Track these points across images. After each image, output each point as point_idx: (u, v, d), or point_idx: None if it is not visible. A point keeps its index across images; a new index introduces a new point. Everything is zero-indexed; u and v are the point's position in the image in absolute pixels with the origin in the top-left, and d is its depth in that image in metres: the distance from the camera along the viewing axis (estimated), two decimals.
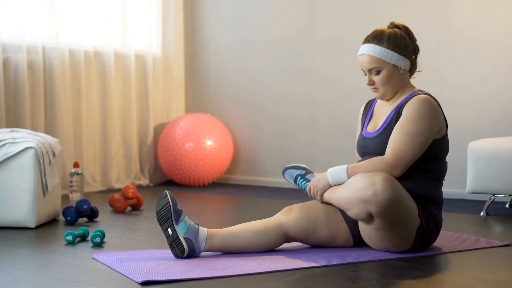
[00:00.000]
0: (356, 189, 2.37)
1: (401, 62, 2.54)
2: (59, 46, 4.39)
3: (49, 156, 3.27)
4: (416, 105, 2.48)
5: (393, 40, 2.53)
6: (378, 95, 2.60)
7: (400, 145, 2.44)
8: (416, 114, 2.46)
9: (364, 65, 2.56)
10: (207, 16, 5.31)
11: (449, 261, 2.45)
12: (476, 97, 4.25)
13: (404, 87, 2.60)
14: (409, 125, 2.45)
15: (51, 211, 3.31)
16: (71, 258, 2.53)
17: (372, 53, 2.53)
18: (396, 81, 2.55)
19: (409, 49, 2.56)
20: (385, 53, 2.52)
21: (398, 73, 2.55)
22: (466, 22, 4.27)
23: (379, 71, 2.53)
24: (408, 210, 2.41)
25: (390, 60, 2.52)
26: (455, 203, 4.04)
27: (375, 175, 2.36)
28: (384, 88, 2.55)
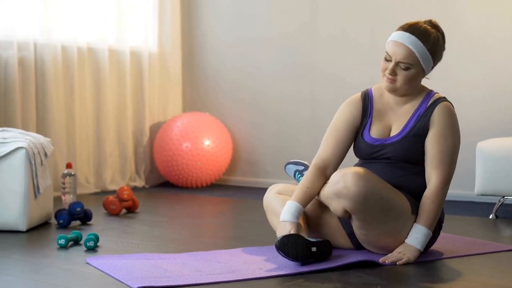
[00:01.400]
0: (330, 184, 2.43)
1: (429, 68, 2.56)
2: (51, 42, 4.39)
3: (40, 157, 3.27)
4: (449, 117, 2.54)
5: (436, 45, 2.53)
6: (390, 87, 2.53)
7: (446, 167, 2.49)
8: (452, 127, 2.53)
9: (397, 55, 2.49)
10: (205, 12, 5.31)
11: (457, 266, 2.45)
12: (485, 96, 4.24)
13: (418, 86, 2.61)
14: (446, 140, 2.50)
15: (43, 213, 3.31)
16: (64, 263, 2.53)
17: (414, 48, 2.49)
18: (417, 83, 2.58)
19: (440, 57, 2.59)
20: (425, 55, 2.51)
21: (421, 76, 2.57)
22: (474, 18, 4.27)
23: (409, 68, 2.50)
24: (390, 204, 2.40)
25: (423, 63, 2.52)
26: (463, 205, 4.04)
27: (348, 168, 2.39)
28: (403, 85, 2.53)
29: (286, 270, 2.33)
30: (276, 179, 4.93)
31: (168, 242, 2.94)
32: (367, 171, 2.40)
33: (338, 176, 2.39)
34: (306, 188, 2.54)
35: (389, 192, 2.42)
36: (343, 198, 2.37)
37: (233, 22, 5.19)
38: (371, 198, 2.35)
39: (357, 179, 2.34)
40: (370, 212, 2.38)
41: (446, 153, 2.49)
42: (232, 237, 3.15)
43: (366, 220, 2.40)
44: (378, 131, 2.58)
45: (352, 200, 2.35)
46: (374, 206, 2.37)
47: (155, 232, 3.21)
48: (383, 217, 2.40)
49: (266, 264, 2.42)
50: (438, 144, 2.50)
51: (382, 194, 2.39)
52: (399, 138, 2.54)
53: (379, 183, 2.40)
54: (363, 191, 2.34)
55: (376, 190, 2.37)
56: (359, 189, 2.34)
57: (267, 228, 2.84)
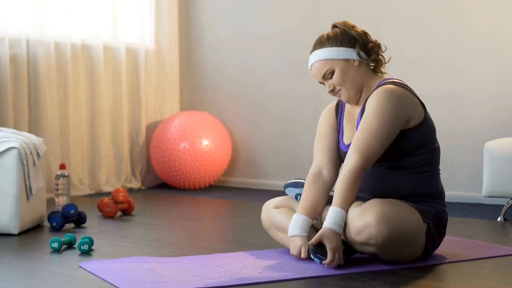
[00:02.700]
0: (352, 232, 2.38)
1: (351, 54, 2.54)
2: (44, 38, 4.39)
3: (33, 157, 3.27)
4: (378, 97, 2.46)
5: (333, 38, 2.57)
6: (344, 98, 2.58)
7: (366, 144, 2.42)
8: (379, 108, 2.44)
9: (317, 74, 2.57)
10: (203, 7, 5.31)
11: (464, 270, 2.45)
12: (493, 94, 4.25)
13: (369, 81, 2.58)
14: (371, 119, 2.43)
15: (35, 216, 3.31)
16: (57, 267, 2.53)
17: (319, 58, 2.56)
18: (353, 75, 2.54)
19: (354, 40, 2.56)
20: (330, 52, 2.54)
21: (352, 67, 2.54)
22: (481, 13, 4.27)
23: (332, 71, 2.54)
24: (410, 230, 2.40)
25: (338, 56, 2.54)
26: (470, 207, 4.04)
27: (368, 214, 2.34)
28: (345, 88, 2.54)
29: (287, 275, 2.33)
30: (277, 180, 4.93)
31: (165, 246, 2.94)
32: (385, 206, 2.36)
33: (360, 225, 2.35)
34: (305, 197, 2.58)
35: (408, 218, 2.40)
36: (370, 246, 2.37)
37: (233, 17, 5.19)
38: (397, 237, 2.36)
39: (382, 227, 2.32)
40: (396, 247, 2.39)
41: (365, 137, 2.42)
42: (231, 240, 3.15)
43: (390, 252, 2.41)
44: (348, 137, 2.61)
45: (380, 247, 2.36)
46: (400, 242, 2.38)
47: (152, 235, 3.21)
48: (405, 244, 2.42)
49: (266, 268, 2.42)
50: (361, 128, 2.44)
51: (405, 227, 2.38)
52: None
53: (399, 214, 2.37)
54: (390, 236, 2.34)
55: (400, 228, 2.36)
56: (386, 235, 2.33)
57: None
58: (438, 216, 2.51)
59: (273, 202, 2.76)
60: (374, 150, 2.42)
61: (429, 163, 2.53)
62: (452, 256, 2.61)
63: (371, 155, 2.42)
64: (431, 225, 2.46)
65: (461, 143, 4.32)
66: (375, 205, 2.36)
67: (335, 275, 2.33)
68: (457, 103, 4.35)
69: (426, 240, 2.45)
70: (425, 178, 2.52)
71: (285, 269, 2.41)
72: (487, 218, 3.66)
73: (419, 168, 2.51)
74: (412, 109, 2.49)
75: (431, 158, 2.54)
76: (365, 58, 2.57)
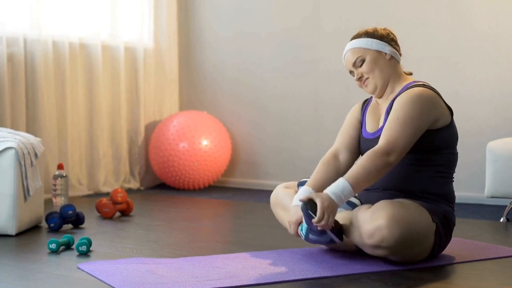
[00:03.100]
0: (363, 235, 2.39)
1: (384, 48, 2.62)
2: (42, 37, 4.39)
3: (31, 157, 3.27)
4: (407, 94, 2.52)
5: (370, 32, 2.66)
6: (369, 89, 2.64)
7: (391, 132, 2.45)
8: (407, 102, 2.49)
9: (349, 62, 2.65)
10: (203, 6, 5.31)
11: (466, 271, 2.45)
12: (495, 93, 4.24)
13: (396, 78, 2.64)
14: (398, 111, 2.48)
15: (33, 217, 3.31)
16: (55, 268, 2.53)
17: (353, 46, 2.65)
18: (383, 66, 2.61)
19: (391, 38, 2.66)
20: (365, 41, 2.63)
21: (383, 59, 2.62)
22: (483, 11, 4.26)
23: (363, 60, 2.62)
24: (421, 229, 2.41)
25: (371, 46, 2.62)
26: (473, 208, 4.04)
27: (379, 217, 2.34)
28: (372, 76, 2.61)
29: (287, 276, 2.33)
30: (277, 181, 4.93)
31: (164, 247, 2.94)
32: (395, 208, 2.36)
33: (372, 228, 2.35)
34: (316, 173, 2.63)
35: (418, 217, 2.40)
36: (382, 249, 2.37)
37: (233, 16, 5.19)
38: (409, 238, 2.36)
39: (393, 229, 2.32)
40: (408, 248, 2.40)
41: (396, 128, 2.44)
42: (231, 241, 3.15)
43: (401, 253, 2.41)
44: (371, 128, 2.66)
45: (392, 249, 2.36)
46: (412, 242, 2.38)
47: (150, 236, 3.21)
48: (416, 244, 2.42)
49: (267, 270, 2.42)
50: (389, 117, 2.49)
51: (416, 226, 2.38)
52: (378, 134, 2.59)
53: (409, 215, 2.37)
54: (402, 237, 2.34)
55: (412, 228, 2.36)
56: (398, 237, 2.33)
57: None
58: (446, 217, 2.53)
59: (286, 183, 2.85)
60: (399, 138, 2.43)
61: (447, 165, 2.58)
62: (455, 257, 2.60)
63: (396, 142, 2.43)
64: (440, 225, 2.48)
65: (463, 143, 4.30)
66: (385, 208, 2.37)
67: (336, 276, 2.33)
68: (459, 102, 4.34)
69: (434, 239, 2.46)
70: (441, 178, 2.56)
71: (286, 270, 2.40)
72: (490, 219, 3.66)
73: (438, 167, 2.55)
74: (439, 111, 2.54)
75: (450, 161, 2.59)
76: (396, 55, 2.65)
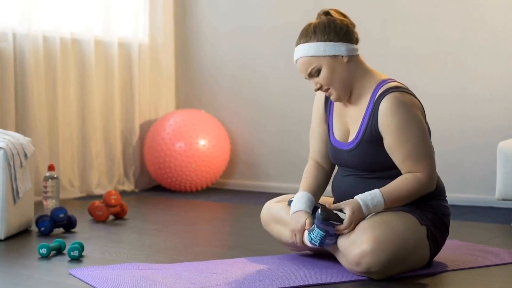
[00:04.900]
0: (350, 264, 2.36)
1: (339, 49, 2.48)
2: (32, 32, 4.39)
3: (20, 158, 3.27)
4: (396, 113, 2.41)
5: (321, 30, 2.49)
6: (333, 98, 2.53)
7: (421, 159, 2.40)
8: (403, 124, 2.41)
9: (302, 70, 2.52)
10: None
11: (475, 277, 2.45)
12: (506, 91, 4.24)
13: (360, 77, 2.53)
14: (408, 139, 2.41)
15: (22, 220, 3.31)
16: (46, 274, 2.53)
17: (305, 54, 2.49)
18: (342, 73, 2.49)
19: (345, 31, 2.50)
20: (317, 47, 2.48)
21: (341, 63, 2.49)
22: (494, 5, 4.27)
23: (319, 70, 2.49)
24: (410, 241, 2.38)
25: (325, 52, 2.47)
26: (483, 211, 4.05)
27: (362, 242, 2.31)
28: (333, 87, 2.49)
29: (288, 282, 2.33)
30: (278, 182, 4.93)
31: (160, 252, 2.94)
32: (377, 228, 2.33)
33: (356, 255, 2.32)
34: (305, 179, 2.63)
35: (403, 231, 2.37)
36: (374, 274, 2.34)
37: (232, 10, 5.19)
38: (399, 258, 2.35)
39: (379, 253, 2.30)
40: (401, 264, 2.38)
41: (417, 150, 2.41)
42: (230, 245, 3.15)
43: (396, 269, 2.39)
44: (339, 134, 2.60)
45: (384, 272, 2.34)
46: (403, 257, 2.37)
47: (146, 241, 3.21)
48: (410, 256, 2.41)
49: (267, 275, 2.42)
50: (402, 147, 2.42)
51: (404, 242, 2.36)
52: (354, 146, 2.52)
53: (393, 232, 2.34)
54: (391, 260, 2.32)
55: (400, 247, 2.34)
56: (385, 261, 2.31)
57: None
58: (437, 214, 2.50)
59: (275, 199, 2.80)
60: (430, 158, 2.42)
61: None
62: (463, 263, 2.61)
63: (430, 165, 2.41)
64: (430, 226, 2.46)
65: (472, 144, 4.32)
66: (367, 230, 2.34)
67: (339, 282, 2.33)
68: (468, 101, 4.35)
69: (428, 244, 2.45)
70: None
71: (287, 276, 2.41)
72: (500, 223, 3.67)
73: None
74: (420, 106, 2.52)
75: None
76: (355, 53, 2.52)
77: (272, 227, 2.72)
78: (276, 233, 2.71)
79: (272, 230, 2.73)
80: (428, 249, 2.46)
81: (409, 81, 4.51)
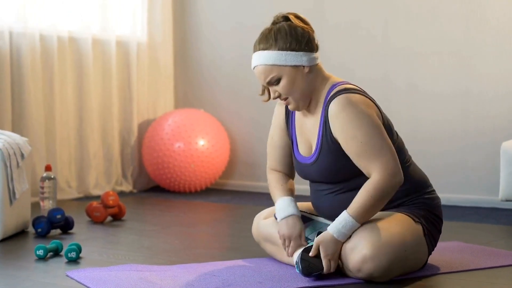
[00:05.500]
0: (351, 270, 2.36)
1: (301, 59, 2.43)
2: (28, 30, 4.39)
3: (16, 158, 3.27)
4: (340, 110, 2.37)
5: (282, 38, 2.44)
6: (292, 107, 2.49)
7: (372, 157, 2.35)
8: (350, 123, 2.36)
9: (261, 78, 2.47)
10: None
11: (478, 280, 2.45)
12: (510, 90, 4.25)
13: (319, 85, 2.49)
14: (356, 137, 2.36)
15: (19, 221, 3.31)
16: (43, 276, 2.53)
17: (264, 62, 2.44)
18: (302, 83, 2.45)
19: (307, 39, 2.45)
20: (278, 56, 2.43)
21: (302, 74, 2.44)
22: (498, 3, 4.26)
23: (279, 79, 2.44)
24: (408, 242, 2.38)
25: (286, 62, 2.42)
26: (486, 212, 4.04)
27: (362, 248, 2.31)
28: (293, 97, 2.46)
29: (288, 284, 2.33)
30: None
31: (158, 253, 2.94)
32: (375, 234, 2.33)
33: (357, 262, 2.32)
34: (280, 185, 2.61)
35: (400, 232, 2.37)
36: (376, 278, 2.34)
37: (231, 8, 5.19)
38: (400, 260, 2.35)
39: (380, 258, 2.30)
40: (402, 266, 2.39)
41: (368, 147, 2.34)
42: (229, 247, 3.15)
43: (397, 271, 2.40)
44: (303, 149, 2.57)
45: (384, 277, 2.34)
46: (403, 259, 2.37)
47: (144, 242, 3.21)
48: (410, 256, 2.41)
49: (267, 278, 2.42)
50: (352, 146, 2.37)
51: (402, 244, 2.36)
52: (315, 159, 2.50)
53: (391, 236, 2.34)
54: (392, 263, 2.32)
55: (399, 249, 2.34)
56: (386, 265, 2.31)
57: None
58: (428, 209, 2.50)
59: (263, 213, 2.77)
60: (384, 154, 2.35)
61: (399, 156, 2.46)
62: (467, 265, 2.61)
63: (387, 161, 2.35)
64: (424, 223, 2.47)
65: (476, 143, 4.32)
66: (365, 236, 2.33)
67: (340, 284, 2.33)
68: (471, 100, 4.34)
69: (426, 241, 2.46)
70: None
71: (287, 279, 2.41)
72: (504, 224, 3.66)
73: None
74: (373, 108, 2.44)
75: (399, 151, 2.48)
76: (316, 62, 2.47)
77: (264, 246, 2.73)
78: (269, 251, 2.71)
79: (265, 248, 2.73)
80: (426, 247, 2.47)
81: (412, 81, 4.53)
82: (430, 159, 4.33)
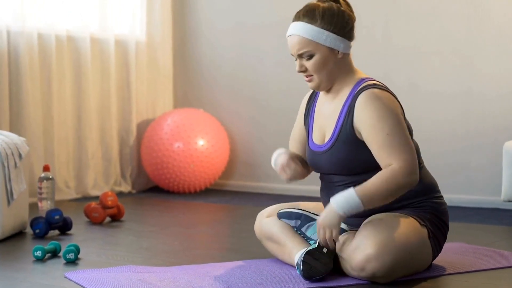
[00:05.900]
0: (354, 269, 2.36)
1: (339, 44, 2.47)
2: (26, 29, 4.38)
3: (14, 159, 3.27)
4: (369, 103, 2.40)
5: (329, 17, 2.46)
6: (312, 85, 2.54)
7: (395, 150, 2.35)
8: (378, 115, 2.38)
9: (294, 48, 2.49)
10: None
11: (481, 281, 2.45)
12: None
13: (344, 74, 2.53)
14: (382, 128, 2.37)
15: (17, 222, 3.31)
16: (41, 277, 2.53)
17: (303, 34, 2.45)
18: (332, 67, 2.49)
19: (349, 27, 2.50)
20: (319, 33, 2.45)
21: (335, 58, 2.48)
22: (499, 5, 4.26)
23: (312, 55, 2.46)
24: (414, 244, 2.38)
25: (325, 42, 2.45)
26: (488, 212, 4.04)
27: (366, 247, 2.31)
28: (318, 76, 2.49)
29: (289, 286, 2.33)
30: (278, 183, 4.93)
31: (157, 254, 2.94)
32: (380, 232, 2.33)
33: (360, 261, 2.32)
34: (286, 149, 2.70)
35: (406, 233, 2.37)
36: (379, 278, 2.34)
37: (231, 7, 5.19)
38: (403, 261, 2.35)
39: (384, 258, 2.30)
40: (406, 268, 2.39)
41: (391, 139, 2.36)
42: (229, 248, 3.15)
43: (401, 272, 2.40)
44: (317, 137, 2.59)
45: (387, 277, 2.34)
46: (407, 261, 2.37)
47: (143, 243, 3.21)
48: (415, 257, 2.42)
49: (267, 279, 2.42)
50: (376, 136, 2.37)
51: (408, 245, 2.36)
52: (329, 147, 2.51)
53: (397, 236, 2.34)
54: (395, 262, 2.32)
55: (404, 250, 2.34)
56: (390, 265, 2.31)
57: None
58: (435, 213, 2.50)
59: (266, 211, 2.77)
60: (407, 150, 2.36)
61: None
62: (469, 266, 2.61)
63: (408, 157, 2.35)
64: (430, 227, 2.46)
65: (478, 144, 4.32)
66: (369, 235, 2.34)
67: (341, 286, 2.33)
68: (473, 100, 4.34)
69: (431, 244, 2.46)
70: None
71: (287, 280, 2.41)
72: (507, 225, 3.66)
73: None
74: (400, 108, 2.49)
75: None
76: (349, 51, 2.53)
77: (266, 244, 2.73)
78: (270, 250, 2.71)
79: (267, 246, 2.73)
80: (431, 249, 2.47)
81: (413, 80, 4.53)
82: (432, 159, 4.30)
